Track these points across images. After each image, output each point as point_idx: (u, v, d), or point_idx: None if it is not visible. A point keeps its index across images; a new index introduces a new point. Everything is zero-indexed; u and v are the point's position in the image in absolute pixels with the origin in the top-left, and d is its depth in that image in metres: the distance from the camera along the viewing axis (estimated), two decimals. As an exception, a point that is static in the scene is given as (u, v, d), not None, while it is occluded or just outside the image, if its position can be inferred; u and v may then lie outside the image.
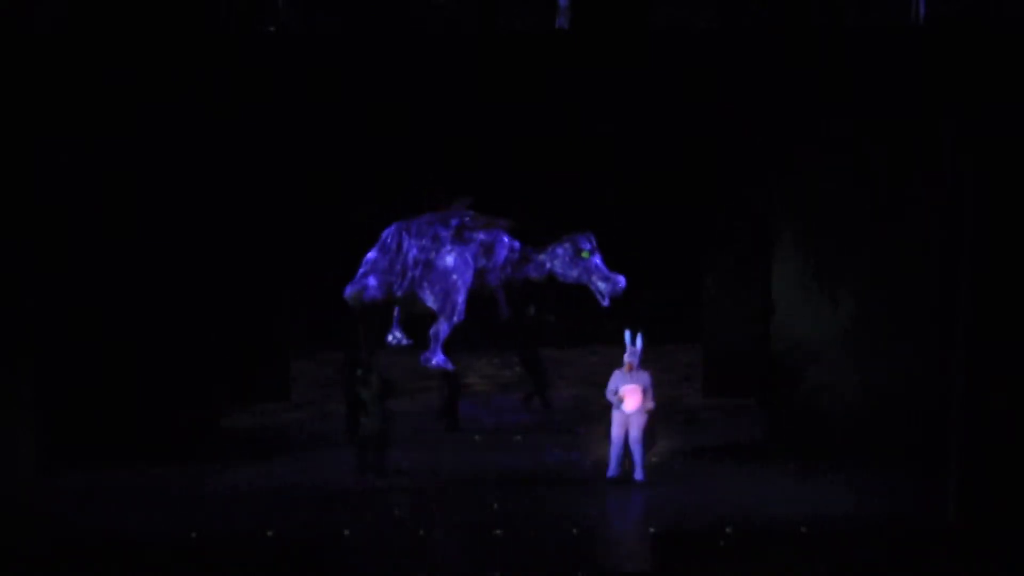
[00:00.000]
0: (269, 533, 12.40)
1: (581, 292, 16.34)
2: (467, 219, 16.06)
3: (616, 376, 14.23)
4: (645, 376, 14.28)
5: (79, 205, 14.57)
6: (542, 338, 17.85)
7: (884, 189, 14.56)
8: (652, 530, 12.42)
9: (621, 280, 15.79)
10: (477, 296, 16.17)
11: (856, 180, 14.60)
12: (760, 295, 15.95)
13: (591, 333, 19.23)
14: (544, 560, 11.83)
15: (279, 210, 17.45)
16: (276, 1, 14.59)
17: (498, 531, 12.46)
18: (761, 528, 12.50)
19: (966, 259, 12.27)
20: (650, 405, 14.20)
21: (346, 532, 12.44)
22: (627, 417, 14.05)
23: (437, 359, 15.68)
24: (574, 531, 12.51)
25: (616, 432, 14.08)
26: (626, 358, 14.19)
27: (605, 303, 15.90)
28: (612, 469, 14.08)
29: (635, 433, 14.01)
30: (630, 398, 14.08)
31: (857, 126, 14.35)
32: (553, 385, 17.66)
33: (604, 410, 17.96)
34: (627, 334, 14.23)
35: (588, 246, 15.74)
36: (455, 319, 15.71)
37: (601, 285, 15.80)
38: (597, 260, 15.86)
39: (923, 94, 13.88)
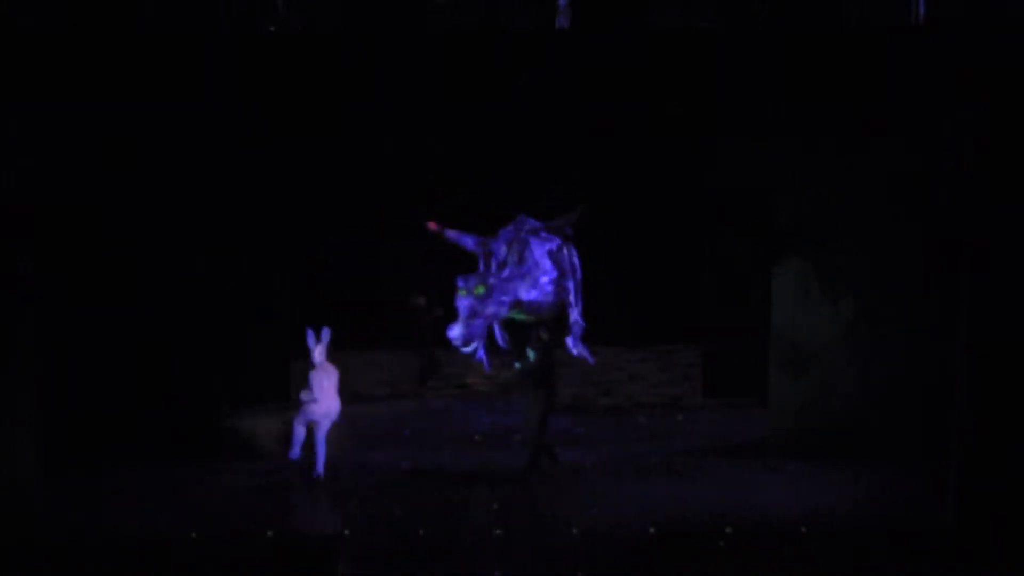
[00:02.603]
0: (269, 533, 12.40)
1: (588, 292, 16.11)
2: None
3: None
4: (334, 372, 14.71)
5: (80, 205, 14.57)
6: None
7: (884, 189, 14.57)
8: (652, 530, 12.42)
9: (449, 330, 13.95)
10: None
11: (856, 180, 14.61)
12: (760, 295, 15.95)
13: (591, 334, 19.23)
14: (544, 560, 11.84)
15: (280, 210, 17.45)
16: (276, 1, 14.60)
17: (498, 531, 12.47)
18: (761, 528, 12.51)
19: (967, 258, 12.27)
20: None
21: (346, 532, 12.44)
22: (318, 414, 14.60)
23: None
24: (574, 531, 12.52)
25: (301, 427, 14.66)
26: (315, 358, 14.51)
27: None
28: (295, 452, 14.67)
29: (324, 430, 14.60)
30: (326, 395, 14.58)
31: (857, 126, 14.35)
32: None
33: (604, 410, 18.08)
34: (309, 333, 14.51)
35: (462, 284, 14.05)
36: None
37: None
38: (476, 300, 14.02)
39: (923, 94, 13.88)
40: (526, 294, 14.52)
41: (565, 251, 15.09)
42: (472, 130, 15.33)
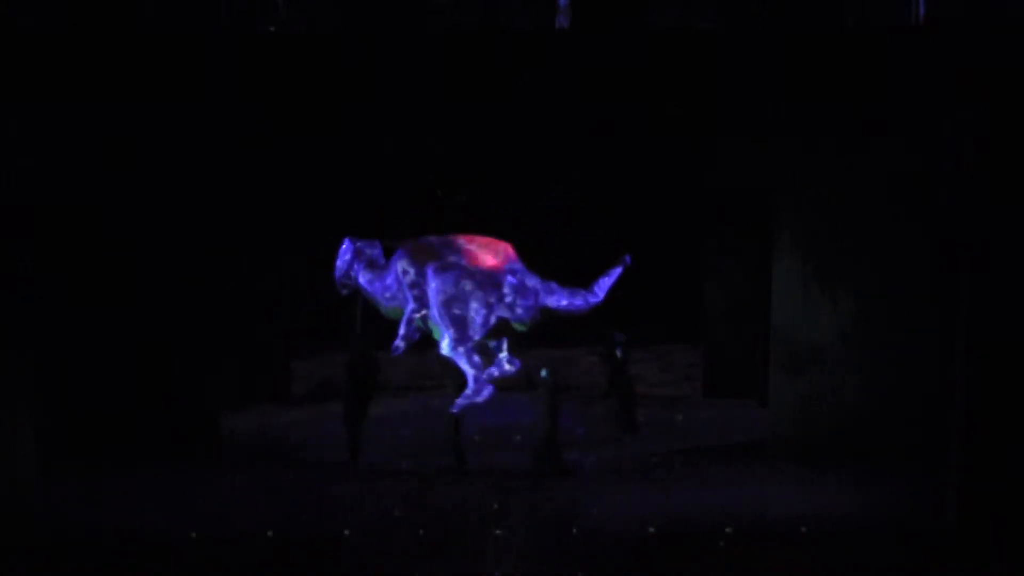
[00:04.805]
0: (269, 533, 12.40)
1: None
2: None
3: None
4: None
5: (80, 205, 14.57)
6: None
7: (884, 189, 14.57)
8: (652, 530, 12.42)
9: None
10: None
11: (856, 180, 14.61)
12: (760, 295, 15.95)
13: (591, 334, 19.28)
14: (544, 560, 11.84)
15: (280, 210, 17.45)
16: (276, 1, 14.60)
17: (498, 531, 12.47)
18: (761, 528, 12.51)
19: (966, 259, 12.27)
20: None
21: (346, 532, 12.45)
22: None
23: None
24: (574, 531, 12.52)
25: None
26: None
27: None
28: None
29: None
30: None
31: (857, 126, 14.36)
32: None
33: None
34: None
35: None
36: None
37: None
38: None
39: (923, 94, 13.89)
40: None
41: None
42: (472, 130, 15.32)
